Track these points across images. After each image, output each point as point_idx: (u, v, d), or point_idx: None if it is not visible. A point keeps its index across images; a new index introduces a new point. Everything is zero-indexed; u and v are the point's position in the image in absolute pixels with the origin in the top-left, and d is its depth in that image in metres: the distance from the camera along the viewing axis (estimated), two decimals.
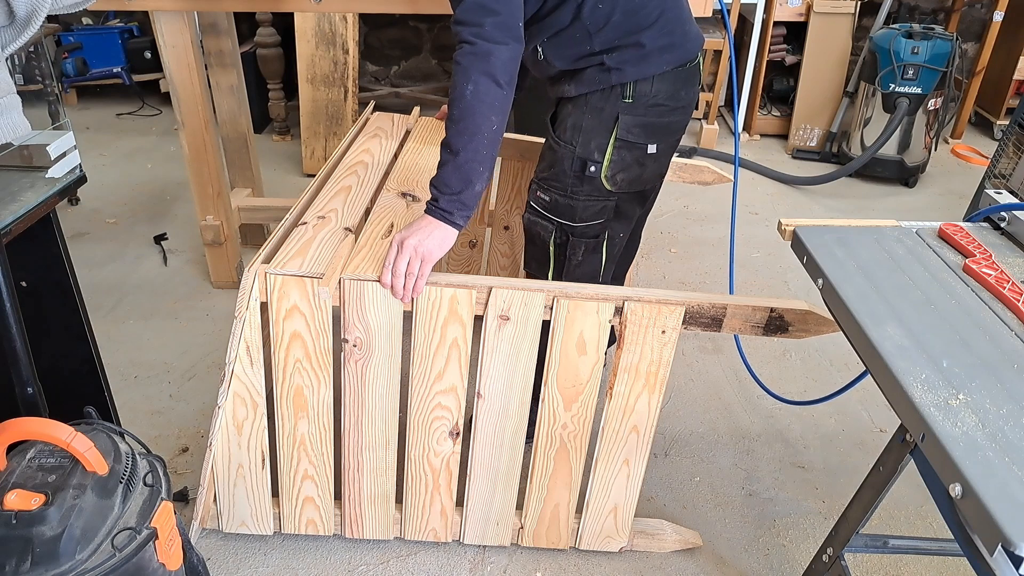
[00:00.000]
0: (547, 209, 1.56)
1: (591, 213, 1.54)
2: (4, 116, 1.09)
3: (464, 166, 1.29)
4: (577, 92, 1.48)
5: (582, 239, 1.56)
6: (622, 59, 1.42)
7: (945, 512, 0.94)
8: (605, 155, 1.48)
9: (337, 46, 3.41)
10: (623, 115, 1.46)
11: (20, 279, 1.39)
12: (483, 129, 1.27)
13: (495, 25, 1.25)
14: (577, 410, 1.44)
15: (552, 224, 1.56)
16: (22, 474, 1.00)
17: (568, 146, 1.50)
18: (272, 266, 1.33)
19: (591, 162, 1.48)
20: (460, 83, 1.25)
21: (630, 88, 1.44)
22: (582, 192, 1.52)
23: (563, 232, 1.56)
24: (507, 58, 1.26)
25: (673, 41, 1.45)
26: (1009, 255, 1.24)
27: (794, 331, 1.38)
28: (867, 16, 4.07)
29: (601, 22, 1.40)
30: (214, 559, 1.57)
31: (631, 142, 1.48)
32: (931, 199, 3.51)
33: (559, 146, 1.52)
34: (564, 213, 1.54)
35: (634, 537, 1.60)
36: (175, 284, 2.59)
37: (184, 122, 2.23)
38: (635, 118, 1.47)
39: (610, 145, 1.48)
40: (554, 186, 1.54)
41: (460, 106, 1.26)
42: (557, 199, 1.54)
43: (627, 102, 1.45)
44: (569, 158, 1.50)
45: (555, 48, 1.46)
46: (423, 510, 1.55)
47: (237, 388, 1.40)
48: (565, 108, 1.52)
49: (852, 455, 1.94)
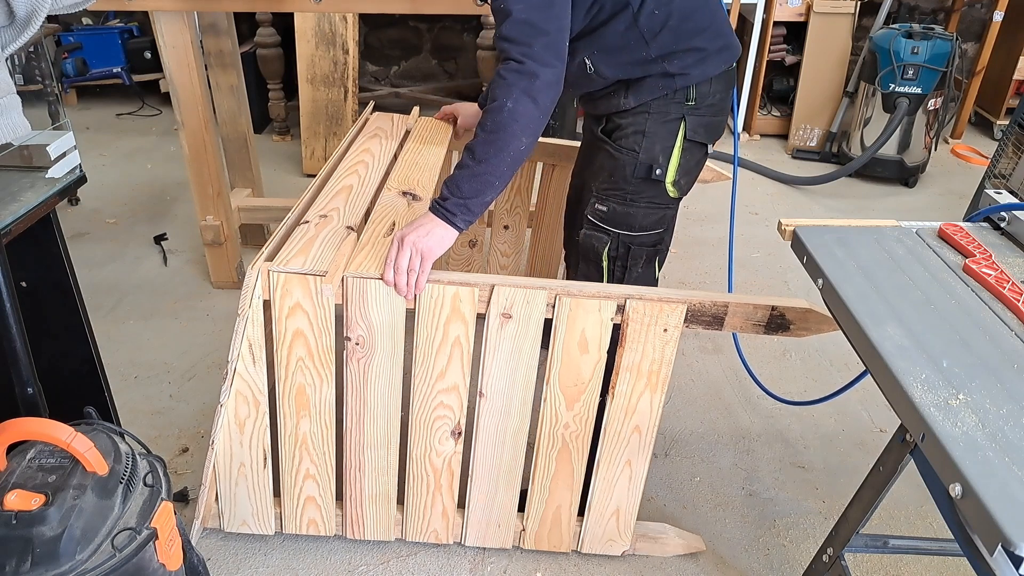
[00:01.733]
0: (603, 220, 1.52)
1: (650, 222, 1.51)
2: (4, 116, 1.09)
3: (482, 176, 1.29)
4: (637, 102, 1.45)
5: (642, 248, 1.53)
6: (684, 64, 1.40)
7: (945, 512, 0.94)
8: (671, 159, 1.46)
9: (337, 46, 3.41)
10: (688, 116, 1.44)
11: (20, 279, 1.40)
12: (511, 147, 1.28)
13: (544, 46, 1.24)
14: (579, 410, 1.43)
15: (607, 235, 1.52)
16: (22, 474, 1.00)
17: (631, 152, 1.46)
18: (275, 264, 1.33)
19: (656, 166, 1.46)
20: (501, 97, 1.25)
21: (693, 91, 1.43)
22: (643, 199, 1.49)
23: (620, 243, 1.52)
24: (552, 80, 1.27)
25: (727, 42, 1.45)
26: (1009, 255, 1.24)
27: (795, 329, 1.38)
28: (867, 16, 4.07)
29: (657, 28, 1.38)
30: (214, 559, 1.57)
31: (697, 143, 1.47)
32: (931, 199, 3.51)
33: (620, 154, 1.48)
34: (621, 222, 1.51)
35: (636, 541, 1.59)
36: (175, 284, 2.59)
37: (184, 122, 2.23)
38: (698, 119, 1.45)
39: (676, 148, 1.46)
40: (613, 195, 1.50)
41: (496, 119, 1.26)
42: (615, 208, 1.50)
43: (690, 104, 1.44)
44: (631, 164, 1.46)
45: (607, 58, 1.43)
46: (424, 511, 1.55)
47: (239, 386, 1.40)
48: (624, 118, 1.48)
49: (852, 455, 1.94)
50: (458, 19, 4.47)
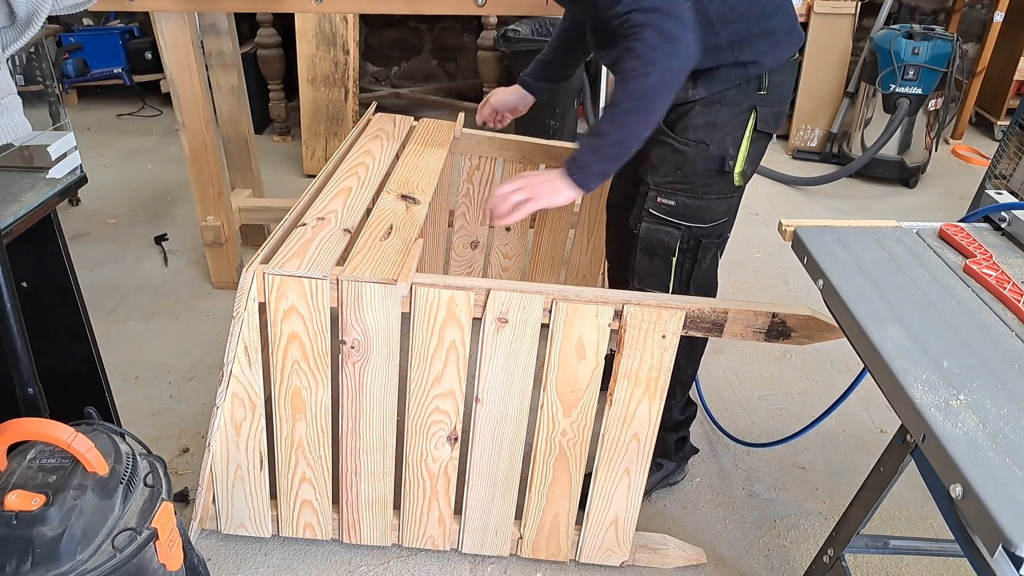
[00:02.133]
0: (672, 214, 1.49)
1: (720, 212, 1.50)
2: (5, 117, 1.09)
3: (624, 143, 1.32)
4: (708, 92, 1.42)
5: (711, 240, 1.52)
6: (756, 52, 1.39)
7: (946, 513, 0.94)
8: (740, 149, 1.45)
9: (338, 47, 3.42)
10: (759, 107, 1.43)
11: (21, 279, 1.40)
12: (656, 113, 1.30)
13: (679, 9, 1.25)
14: (576, 416, 1.42)
15: (679, 229, 1.50)
16: (23, 475, 1.00)
17: (701, 145, 1.44)
18: (270, 266, 1.33)
19: (728, 158, 1.44)
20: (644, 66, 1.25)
21: (765, 79, 1.41)
22: (713, 191, 1.48)
23: (691, 236, 1.50)
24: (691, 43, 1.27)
25: (794, 25, 1.44)
26: (1009, 255, 1.24)
27: (796, 337, 1.36)
28: (867, 16, 4.07)
29: (727, 14, 1.36)
30: (214, 559, 1.57)
31: (764, 132, 1.46)
32: (931, 200, 3.51)
33: (688, 147, 1.45)
34: (693, 215, 1.48)
35: (636, 551, 1.58)
36: (175, 285, 2.60)
37: (185, 123, 2.23)
38: (769, 108, 1.44)
39: (746, 138, 1.44)
40: (681, 189, 1.47)
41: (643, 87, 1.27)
42: (685, 202, 1.48)
43: (762, 94, 1.42)
44: (702, 157, 1.45)
45: None
46: (421, 517, 1.54)
47: (235, 389, 1.40)
48: (692, 109, 1.45)
49: (853, 456, 1.94)
50: (458, 20, 4.47)
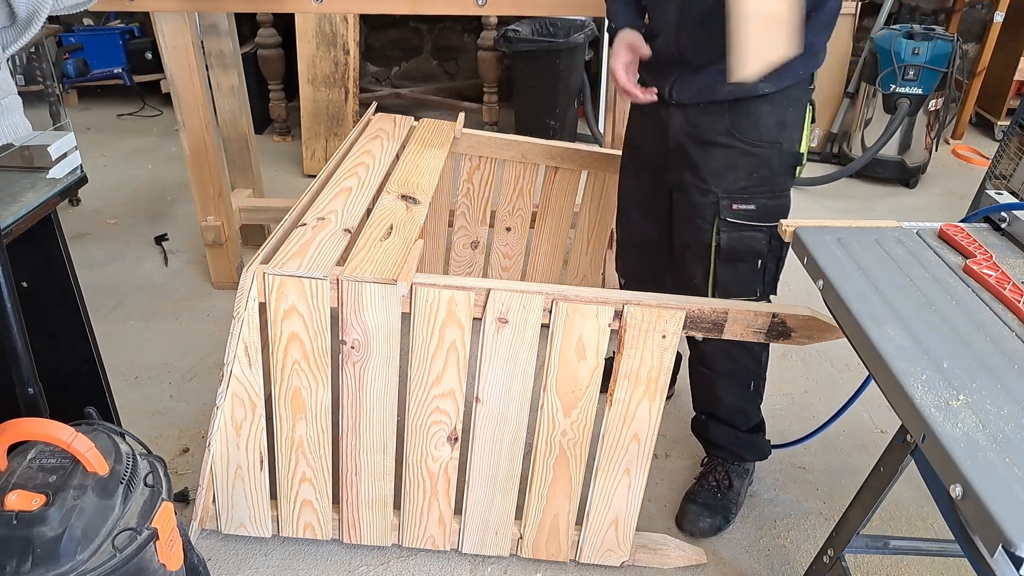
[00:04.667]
0: (754, 218, 1.47)
1: (789, 206, 1.51)
2: (5, 117, 1.09)
3: None
4: (776, 87, 1.37)
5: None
6: (824, 41, 1.39)
7: (946, 513, 0.94)
8: (803, 144, 1.46)
9: (338, 47, 3.42)
10: (812, 100, 1.45)
11: (21, 279, 1.40)
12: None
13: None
14: (577, 416, 1.42)
15: (763, 232, 1.48)
16: (23, 475, 1.00)
17: (774, 145, 1.43)
18: (271, 266, 1.33)
19: (802, 154, 1.45)
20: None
21: (815, 75, 1.43)
22: (788, 188, 1.48)
23: (775, 235, 1.47)
24: None
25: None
26: (1010, 256, 1.24)
27: (797, 337, 1.36)
28: (868, 17, 4.07)
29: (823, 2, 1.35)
30: (215, 559, 1.57)
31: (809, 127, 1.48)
32: (932, 200, 3.51)
33: (760, 148, 1.43)
34: (775, 215, 1.46)
35: (636, 551, 1.58)
36: (176, 285, 2.60)
37: (185, 123, 2.23)
38: (812, 105, 1.46)
39: (805, 133, 1.45)
40: (759, 191, 1.45)
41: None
42: (766, 204, 1.46)
43: (811, 88, 1.43)
44: (778, 157, 1.44)
45: None
46: (421, 517, 1.54)
47: (235, 389, 1.40)
48: (760, 108, 1.40)
49: (853, 456, 1.94)
50: (459, 20, 4.47)
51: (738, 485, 1.72)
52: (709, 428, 1.71)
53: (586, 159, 2.16)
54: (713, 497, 1.70)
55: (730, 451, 1.71)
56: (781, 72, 1.29)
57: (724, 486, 1.71)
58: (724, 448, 1.71)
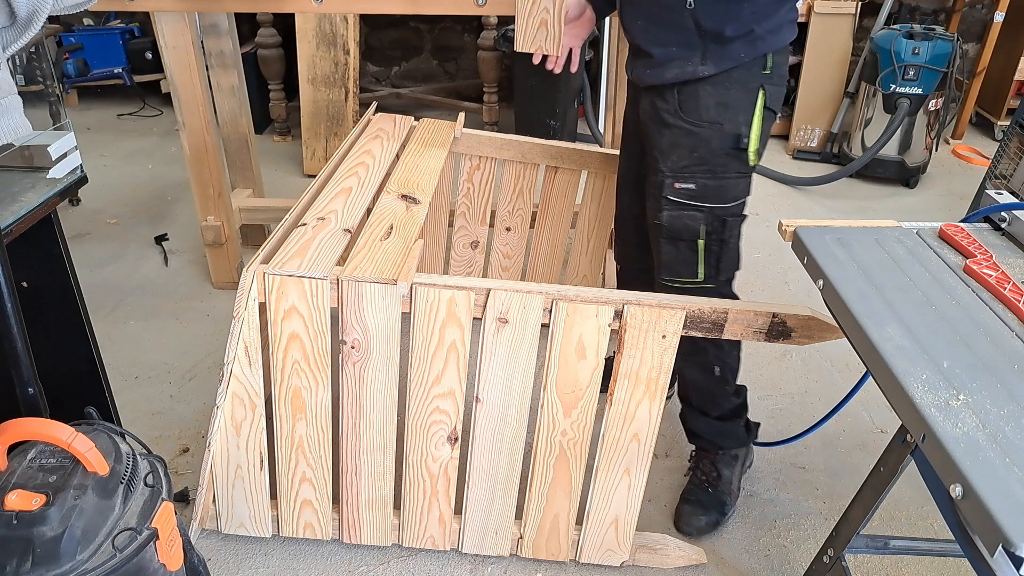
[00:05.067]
0: (694, 197, 1.49)
1: (740, 191, 1.51)
2: (5, 117, 1.09)
3: None
4: (717, 69, 1.42)
5: (736, 218, 1.53)
6: (770, 27, 1.40)
7: (946, 513, 0.94)
8: (751, 128, 1.46)
9: (338, 47, 3.42)
10: (766, 85, 1.44)
11: (21, 279, 1.40)
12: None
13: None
14: (577, 416, 1.42)
15: (701, 212, 1.50)
16: (23, 474, 1.00)
17: (714, 125, 1.45)
18: (271, 266, 1.33)
19: (743, 136, 1.46)
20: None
21: (769, 59, 1.43)
22: (732, 170, 1.48)
23: (715, 217, 1.50)
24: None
25: (796, 15, 1.46)
26: (1010, 256, 1.24)
27: (797, 337, 1.36)
28: (868, 17, 4.07)
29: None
30: (215, 559, 1.57)
31: (771, 111, 1.47)
32: (932, 200, 3.51)
33: (700, 128, 1.46)
34: (714, 196, 1.49)
35: (636, 551, 1.58)
36: (176, 285, 2.60)
37: (185, 123, 2.23)
38: (774, 88, 1.46)
39: (756, 116, 1.45)
40: (699, 171, 1.48)
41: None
42: (706, 183, 1.48)
43: (767, 73, 1.44)
44: (717, 137, 1.45)
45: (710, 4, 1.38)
46: (421, 517, 1.54)
47: (235, 389, 1.40)
48: (702, 89, 1.44)
49: (853, 456, 1.94)
50: (458, 20, 4.47)
51: (728, 474, 1.72)
52: (686, 416, 1.73)
53: (586, 159, 2.16)
54: (705, 493, 1.70)
55: (707, 439, 1.72)
56: (720, 55, 1.40)
57: (713, 478, 1.71)
58: (701, 437, 1.72)
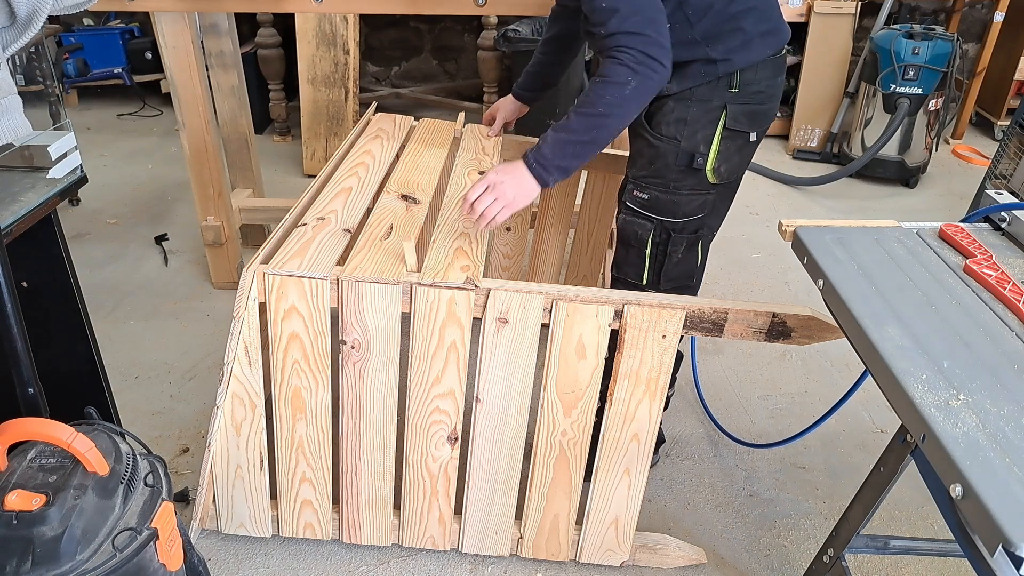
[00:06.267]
0: (646, 207, 1.53)
1: (693, 207, 1.52)
2: (5, 117, 1.09)
3: (587, 147, 1.37)
4: (680, 87, 1.44)
5: (683, 235, 1.54)
6: (727, 48, 1.40)
7: (946, 513, 0.94)
8: (711, 147, 1.47)
9: (338, 47, 3.42)
10: (730, 104, 1.45)
11: (21, 279, 1.40)
12: (623, 122, 1.37)
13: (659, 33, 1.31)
14: (577, 416, 1.42)
15: (651, 222, 1.53)
16: (23, 474, 1.00)
17: (672, 140, 1.47)
18: (271, 266, 1.33)
19: (698, 155, 1.46)
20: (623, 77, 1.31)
21: (736, 77, 1.43)
22: (685, 186, 1.50)
23: (663, 230, 1.53)
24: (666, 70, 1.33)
25: (772, 26, 1.45)
26: (1010, 256, 1.24)
27: (797, 337, 1.36)
28: (868, 16, 4.07)
29: (702, 10, 1.38)
30: (215, 559, 1.57)
31: (736, 131, 1.47)
32: (932, 200, 3.51)
33: (660, 142, 1.48)
34: (665, 210, 1.52)
35: (636, 551, 1.58)
36: (176, 285, 2.60)
37: (185, 123, 2.23)
38: (741, 107, 1.46)
39: (716, 136, 1.46)
40: (654, 183, 1.51)
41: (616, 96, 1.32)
42: (658, 196, 1.51)
43: (733, 92, 1.44)
44: (673, 152, 1.47)
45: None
46: (421, 517, 1.54)
47: (235, 389, 1.40)
48: (665, 104, 1.47)
49: (853, 456, 1.94)
50: (459, 20, 4.47)
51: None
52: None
53: None
54: None
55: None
56: (682, 75, 1.43)
57: None
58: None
